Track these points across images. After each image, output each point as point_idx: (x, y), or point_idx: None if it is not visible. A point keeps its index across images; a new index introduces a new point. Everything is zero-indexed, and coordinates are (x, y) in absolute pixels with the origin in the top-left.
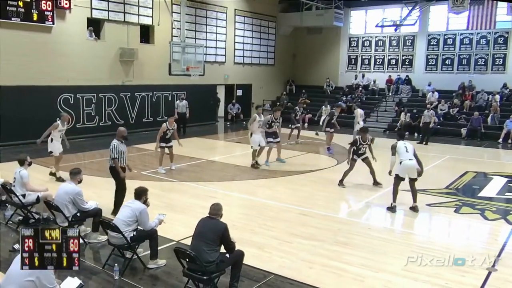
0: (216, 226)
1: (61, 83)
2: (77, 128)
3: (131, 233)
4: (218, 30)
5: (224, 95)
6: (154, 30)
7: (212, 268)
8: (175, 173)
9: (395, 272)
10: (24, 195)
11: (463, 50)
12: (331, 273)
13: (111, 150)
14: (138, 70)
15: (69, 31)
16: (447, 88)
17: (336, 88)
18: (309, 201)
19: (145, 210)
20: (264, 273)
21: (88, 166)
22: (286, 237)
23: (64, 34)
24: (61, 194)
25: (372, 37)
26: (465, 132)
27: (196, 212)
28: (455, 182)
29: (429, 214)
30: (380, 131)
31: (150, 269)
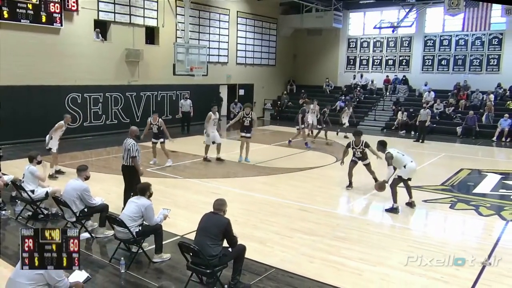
0: (219, 221)
1: (69, 83)
2: (84, 126)
3: (137, 228)
4: (220, 31)
5: (227, 95)
6: (159, 31)
7: (215, 262)
8: (179, 170)
9: (393, 266)
10: (33, 190)
11: (458, 51)
12: (331, 267)
13: (130, 149)
14: (144, 70)
15: (77, 33)
16: (443, 88)
17: (335, 87)
18: (309, 197)
19: (150, 206)
20: (266, 266)
21: (95, 163)
22: (286, 232)
23: (72, 35)
24: (69, 190)
25: (370, 38)
26: (460, 130)
27: (199, 207)
28: (450, 179)
29: (425, 210)
30: (378, 130)
31: (155, 263)
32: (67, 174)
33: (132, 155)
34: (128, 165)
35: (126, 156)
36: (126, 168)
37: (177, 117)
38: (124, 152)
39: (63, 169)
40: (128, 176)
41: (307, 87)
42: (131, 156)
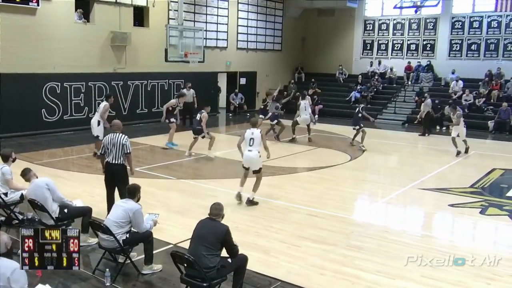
0: (216, 229)
1: (46, 70)
2: (64, 120)
3: (124, 236)
4: (219, 12)
5: (226, 84)
6: (149, 12)
7: (213, 274)
8: (172, 170)
9: (414, 279)
10: (6, 193)
11: (490, 34)
12: (344, 280)
13: (125, 144)
14: (131, 56)
15: (56, 13)
16: (472, 76)
17: (350, 76)
18: (319, 200)
19: (139, 210)
20: (270, 279)
21: (77, 162)
22: (294, 240)
23: (50, 16)
24: (33, 189)
25: (390, 19)
26: (492, 125)
27: (195, 212)
28: (480, 180)
29: (451, 216)
30: (399, 124)
31: (145, 274)
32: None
33: (127, 151)
34: (119, 164)
35: (116, 153)
36: (116, 167)
37: None
38: (114, 148)
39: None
40: (119, 176)
41: (317, 75)
42: (126, 153)
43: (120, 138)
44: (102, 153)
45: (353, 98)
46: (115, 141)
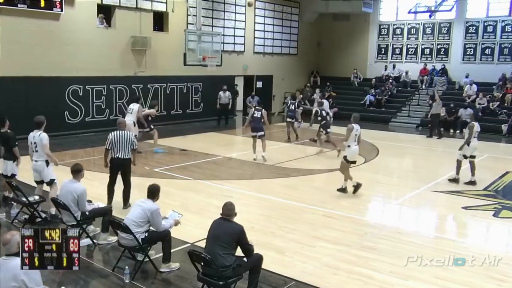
0: (231, 229)
1: (69, 73)
2: (86, 121)
3: (143, 235)
4: (236, 17)
5: (243, 87)
6: (168, 17)
7: (229, 273)
8: (189, 171)
9: (426, 279)
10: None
11: (505, 39)
12: (357, 280)
13: (134, 141)
14: (151, 60)
15: (78, 19)
16: (486, 80)
17: (364, 80)
18: (333, 201)
19: (157, 210)
20: (285, 279)
21: (98, 162)
22: (308, 240)
23: (73, 21)
24: (65, 193)
25: (404, 24)
26: (506, 128)
27: (211, 212)
28: (494, 183)
29: (465, 218)
30: (412, 127)
31: (163, 272)
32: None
33: (134, 147)
34: (125, 158)
35: (125, 149)
36: (125, 161)
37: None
38: (122, 144)
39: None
40: (126, 168)
41: (332, 79)
42: (133, 149)
43: (127, 135)
44: (108, 149)
45: (368, 101)
46: (124, 138)
